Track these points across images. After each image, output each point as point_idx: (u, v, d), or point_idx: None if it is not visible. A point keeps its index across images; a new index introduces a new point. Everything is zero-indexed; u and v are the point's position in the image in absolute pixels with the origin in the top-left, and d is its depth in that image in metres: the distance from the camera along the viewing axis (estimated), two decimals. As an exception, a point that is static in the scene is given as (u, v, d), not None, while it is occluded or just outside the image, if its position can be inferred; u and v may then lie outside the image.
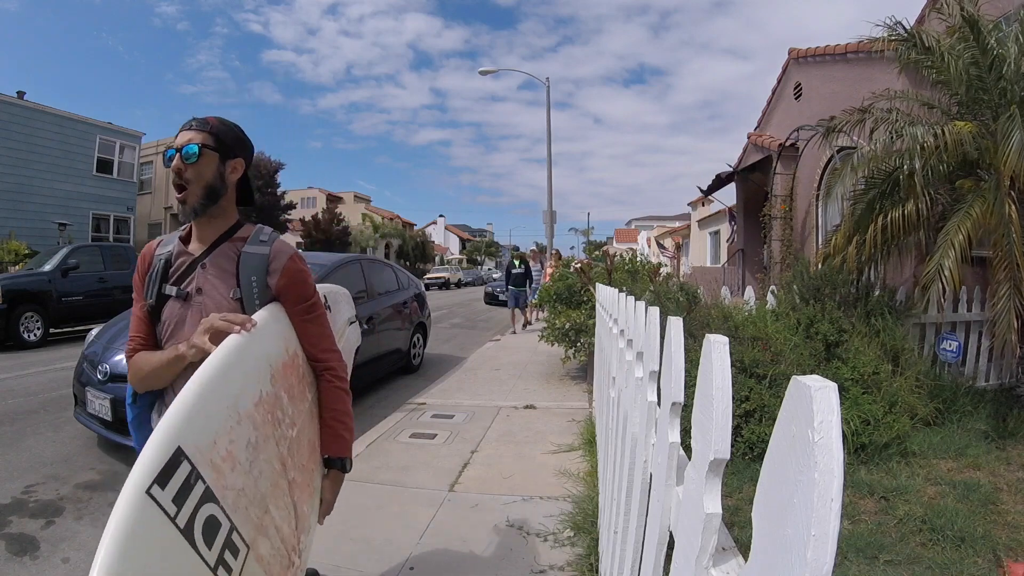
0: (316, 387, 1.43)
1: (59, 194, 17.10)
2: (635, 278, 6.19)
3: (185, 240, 1.36)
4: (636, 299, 1.65)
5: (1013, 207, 3.66)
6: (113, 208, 18.89)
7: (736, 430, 3.19)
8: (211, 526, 0.94)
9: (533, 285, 10.53)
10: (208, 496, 0.94)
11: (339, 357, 1.46)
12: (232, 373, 1.09)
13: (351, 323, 1.95)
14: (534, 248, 11.58)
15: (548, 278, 9.17)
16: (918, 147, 4.05)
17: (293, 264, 1.34)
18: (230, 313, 1.21)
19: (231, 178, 1.33)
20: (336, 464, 1.45)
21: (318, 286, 1.53)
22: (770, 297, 4.93)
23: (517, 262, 10.82)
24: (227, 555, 0.97)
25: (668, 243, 27.24)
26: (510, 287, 10.65)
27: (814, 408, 0.38)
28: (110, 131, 18.90)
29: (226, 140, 1.31)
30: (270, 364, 1.20)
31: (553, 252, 12.10)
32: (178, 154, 1.25)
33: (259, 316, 1.24)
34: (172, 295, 1.30)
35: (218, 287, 1.29)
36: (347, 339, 1.79)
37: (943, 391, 3.98)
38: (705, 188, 12.24)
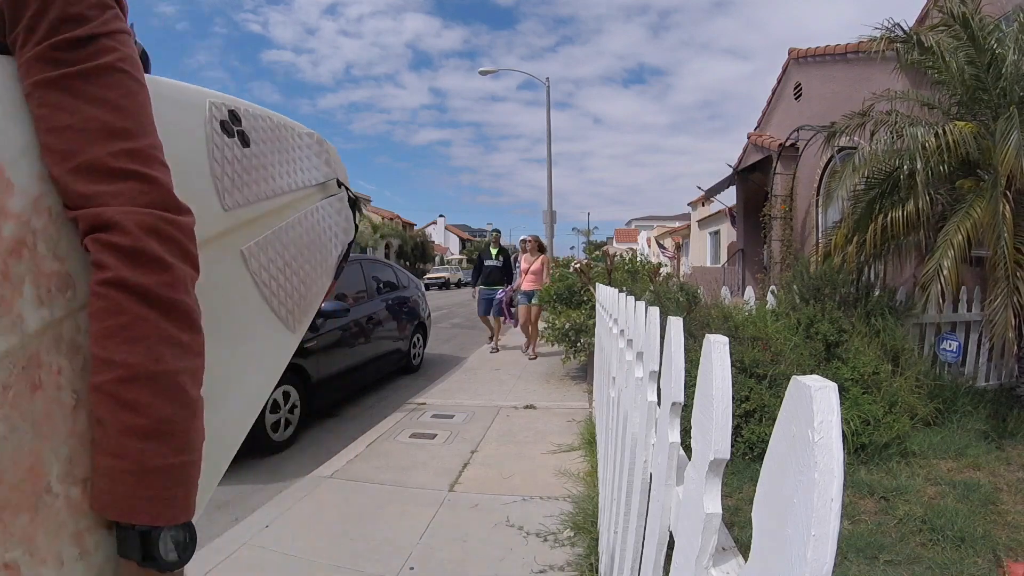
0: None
1: (59, 194, 17.08)
2: (635, 278, 6.19)
3: None
4: (636, 299, 1.65)
5: (1008, 206, 3.67)
6: (113, 208, 18.91)
7: (736, 430, 3.20)
8: None
9: (513, 284, 7.61)
10: None
11: (149, 186, 0.55)
12: None
13: (330, 194, 1.06)
14: (524, 240, 7.85)
15: (526, 275, 7.22)
16: (919, 147, 4.05)
17: None
18: None
19: None
20: (129, 542, 0.52)
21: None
22: (770, 297, 4.94)
23: (494, 251, 7.75)
24: None
25: (668, 243, 27.26)
26: (480, 286, 7.64)
27: (814, 408, 0.38)
28: (110, 131, 18.93)
29: None
30: None
31: (530, 239, 7.64)
32: None
33: None
34: None
35: None
36: (317, 222, 0.99)
37: (943, 391, 3.98)
38: (705, 188, 12.26)
